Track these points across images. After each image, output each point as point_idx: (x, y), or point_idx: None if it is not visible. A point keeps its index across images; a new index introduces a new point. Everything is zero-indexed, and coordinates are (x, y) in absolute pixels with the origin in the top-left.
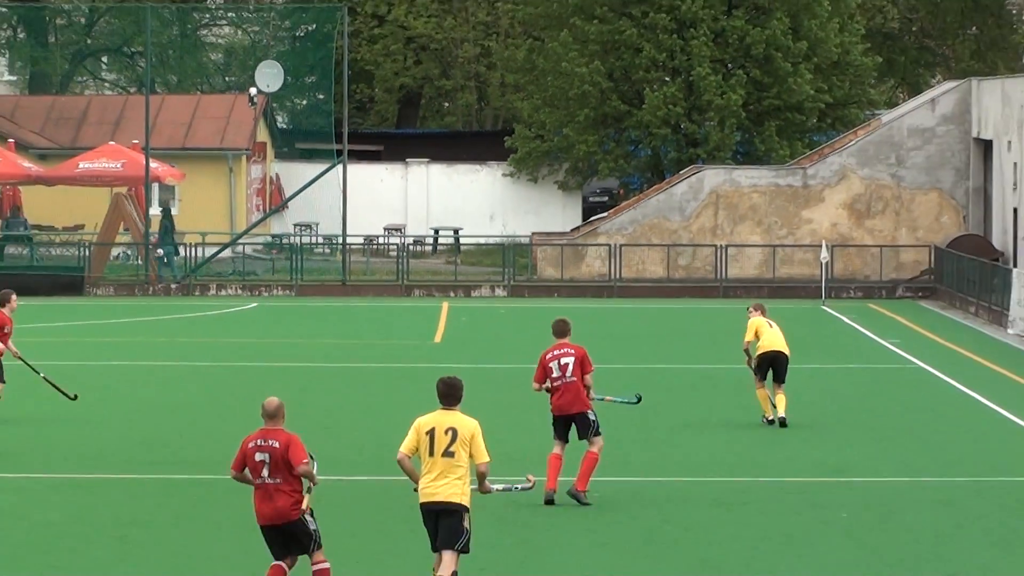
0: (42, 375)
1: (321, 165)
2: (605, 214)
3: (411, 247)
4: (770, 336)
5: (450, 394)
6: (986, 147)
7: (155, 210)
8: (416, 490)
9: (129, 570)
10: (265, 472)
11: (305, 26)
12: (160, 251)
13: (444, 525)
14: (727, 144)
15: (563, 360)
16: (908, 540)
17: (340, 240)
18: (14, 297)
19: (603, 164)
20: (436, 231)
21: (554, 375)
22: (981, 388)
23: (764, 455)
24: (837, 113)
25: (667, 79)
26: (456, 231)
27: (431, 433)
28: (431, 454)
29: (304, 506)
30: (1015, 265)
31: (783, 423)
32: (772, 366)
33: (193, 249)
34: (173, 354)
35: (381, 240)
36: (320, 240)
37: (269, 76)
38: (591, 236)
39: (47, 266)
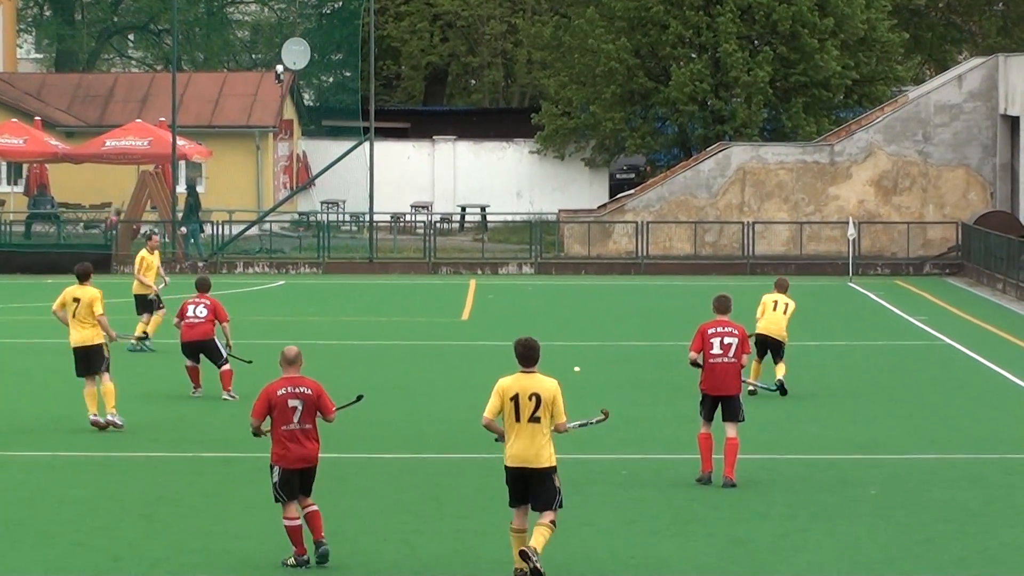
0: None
1: (348, 142)
2: (632, 191)
3: (438, 224)
4: (768, 319)
5: (529, 355)
6: (1013, 123)
7: (181, 188)
8: (497, 440)
9: (156, 548)
10: (296, 418)
11: (332, 3)
12: (184, 228)
13: (536, 490)
14: (754, 121)
15: (726, 340)
16: (937, 517)
17: (367, 218)
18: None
19: (630, 141)
20: (463, 208)
21: (713, 351)
22: (1009, 365)
23: (792, 432)
24: (864, 90)
25: (694, 56)
26: (483, 208)
27: (515, 399)
28: (517, 420)
29: None
30: None
31: (782, 389)
32: (767, 347)
33: (220, 227)
34: None
35: (408, 218)
36: (347, 218)
37: (296, 53)
38: (618, 213)
39: (74, 244)
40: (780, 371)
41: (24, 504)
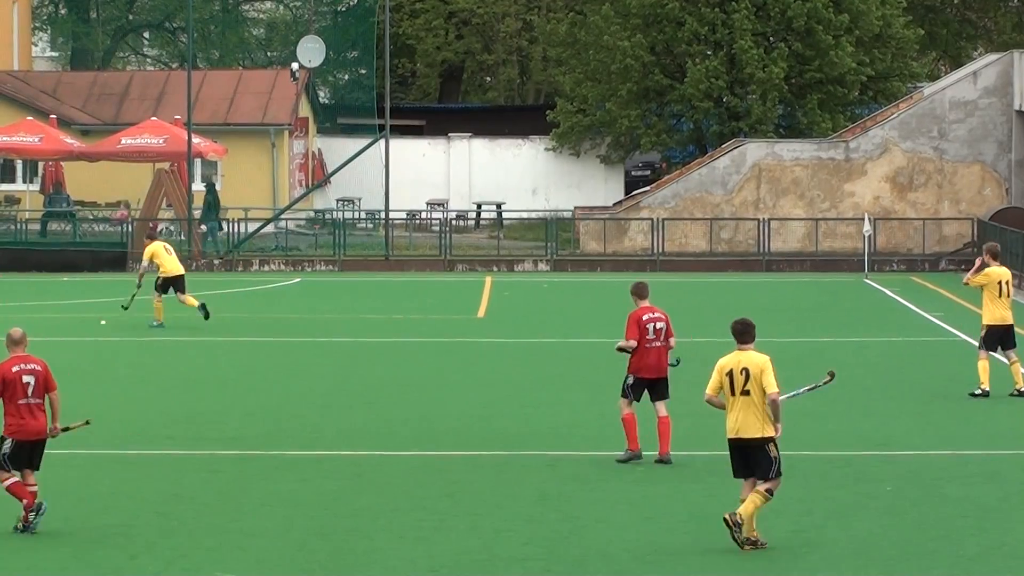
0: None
1: (363, 140)
2: (647, 188)
3: (454, 222)
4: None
5: (745, 331)
6: None
7: (197, 186)
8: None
9: (172, 545)
10: (30, 392)
11: (347, 1)
12: (204, 226)
13: (754, 460)
14: (769, 117)
15: (658, 324)
16: (952, 513)
17: (383, 215)
18: None
19: (645, 138)
20: (479, 206)
21: (649, 336)
22: None
23: (808, 429)
24: (879, 86)
25: (709, 53)
26: (499, 206)
27: (730, 374)
28: (732, 393)
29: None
30: None
31: None
32: None
33: (236, 225)
34: (216, 329)
35: (424, 215)
36: (363, 215)
37: (311, 51)
38: (633, 210)
39: (90, 242)
40: None
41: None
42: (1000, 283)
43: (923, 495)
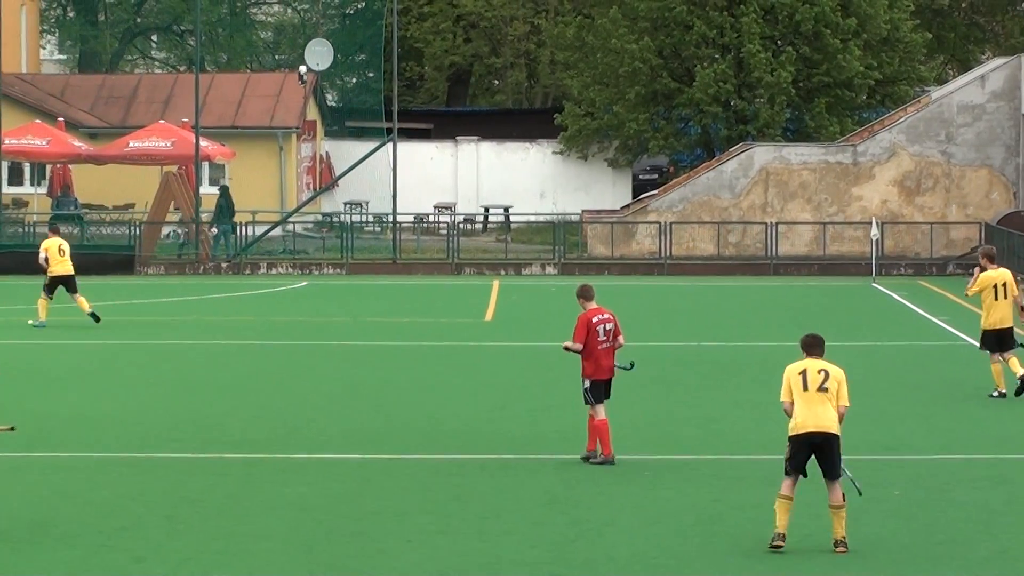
0: None
1: (371, 143)
2: (655, 192)
3: (461, 225)
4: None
5: (816, 343)
6: None
7: (209, 189)
8: (790, 437)
9: (179, 549)
10: None
11: (354, 4)
12: (215, 229)
13: (824, 456)
14: (777, 121)
15: (607, 326)
16: (959, 517)
17: (390, 218)
18: None
19: (653, 142)
20: (486, 209)
21: (600, 338)
22: None
23: None
24: (887, 90)
25: (717, 56)
26: (506, 209)
27: (803, 373)
28: (804, 389)
29: None
30: None
31: None
32: None
33: (244, 228)
34: (223, 333)
35: (431, 218)
36: (370, 218)
37: (319, 54)
38: (641, 214)
39: (98, 245)
40: None
41: (47, 505)
42: (996, 286)
43: (931, 499)
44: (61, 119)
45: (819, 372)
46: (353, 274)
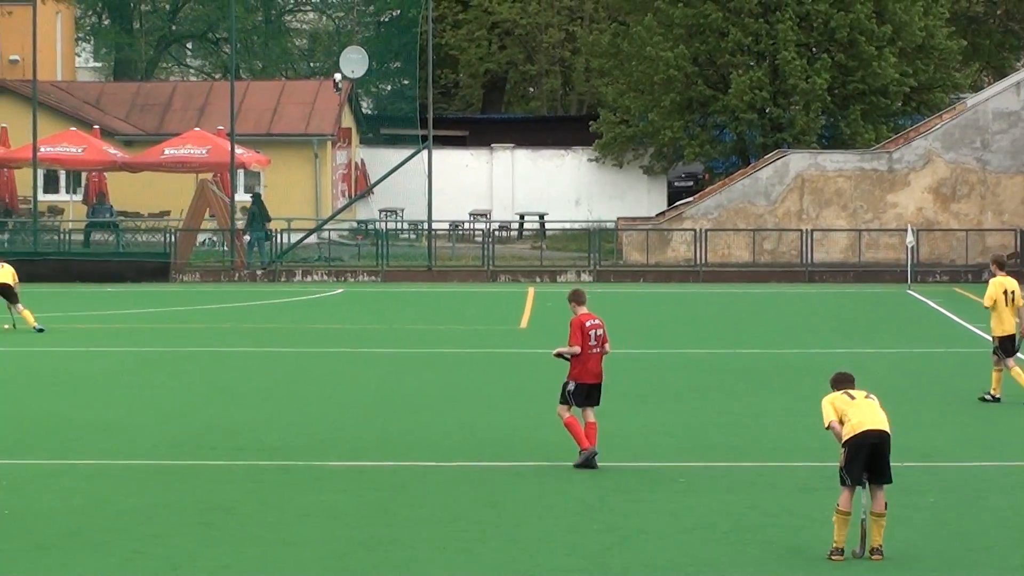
0: None
1: (406, 151)
2: (690, 199)
3: (496, 232)
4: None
5: (847, 379)
6: None
7: (244, 196)
8: (846, 443)
9: (214, 556)
10: None
11: (389, 11)
12: (248, 236)
13: (879, 456)
14: (812, 128)
15: (599, 331)
16: (995, 524)
17: (425, 226)
18: None
19: (688, 149)
20: (521, 216)
21: (591, 343)
22: None
23: None
24: (922, 97)
25: (752, 63)
26: (541, 216)
27: (846, 392)
28: (852, 399)
29: None
30: None
31: None
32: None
33: (279, 235)
34: (258, 340)
35: (466, 225)
36: (406, 226)
37: (354, 62)
38: (676, 221)
39: (133, 252)
40: None
41: (82, 512)
42: (1004, 292)
43: (965, 506)
44: (96, 127)
45: (863, 392)
46: (388, 281)
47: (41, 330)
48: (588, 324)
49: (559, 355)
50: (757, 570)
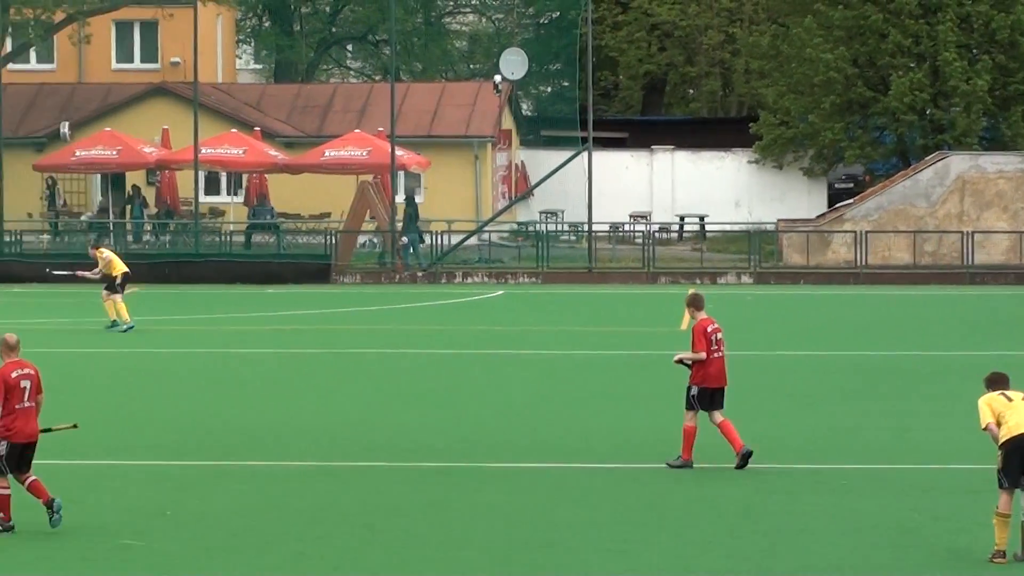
0: None
1: (566, 152)
2: (851, 200)
3: (657, 234)
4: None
5: (1002, 380)
6: None
7: (400, 198)
8: (1003, 445)
9: (379, 558)
10: (26, 396)
11: (549, 13)
12: (404, 239)
13: None
14: (973, 130)
15: (719, 335)
16: None
17: (586, 227)
18: None
19: (849, 151)
20: (682, 218)
21: (713, 347)
22: None
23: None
24: None
25: (912, 65)
26: (702, 218)
27: (1002, 393)
28: (1010, 400)
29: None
30: None
31: None
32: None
33: (439, 237)
34: (419, 342)
35: (627, 227)
36: (566, 227)
37: (514, 63)
38: (837, 223)
39: (294, 254)
40: None
41: (246, 512)
42: None
43: None
44: (257, 128)
45: (1017, 391)
46: (548, 283)
47: (130, 328)
48: (709, 329)
49: (679, 361)
50: (918, 573)
